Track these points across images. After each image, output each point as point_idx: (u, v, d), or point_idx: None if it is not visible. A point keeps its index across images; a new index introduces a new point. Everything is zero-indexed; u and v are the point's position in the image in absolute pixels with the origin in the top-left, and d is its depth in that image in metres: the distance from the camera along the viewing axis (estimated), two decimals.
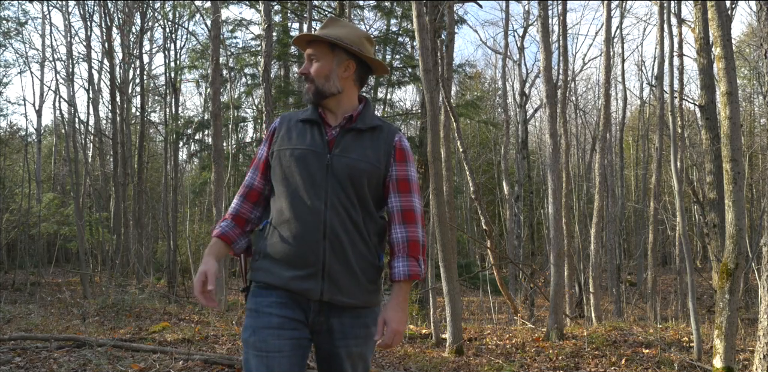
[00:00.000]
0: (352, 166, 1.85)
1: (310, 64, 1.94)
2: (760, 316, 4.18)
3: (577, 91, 23.13)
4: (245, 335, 1.81)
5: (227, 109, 13.11)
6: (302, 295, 1.82)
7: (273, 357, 1.76)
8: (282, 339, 1.78)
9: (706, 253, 18.25)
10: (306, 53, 1.96)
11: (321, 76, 1.92)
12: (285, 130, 1.93)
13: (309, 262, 1.80)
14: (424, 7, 6.41)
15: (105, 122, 22.25)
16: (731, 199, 4.35)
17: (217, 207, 10.36)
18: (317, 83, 1.92)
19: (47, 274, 18.94)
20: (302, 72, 1.96)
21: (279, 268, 1.82)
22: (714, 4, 4.57)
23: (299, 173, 1.84)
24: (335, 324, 1.85)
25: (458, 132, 8.58)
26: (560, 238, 7.27)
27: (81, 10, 18.66)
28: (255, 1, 13.79)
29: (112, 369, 4.56)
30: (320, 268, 1.80)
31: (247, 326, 1.83)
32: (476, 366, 5.25)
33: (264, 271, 1.84)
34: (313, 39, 1.95)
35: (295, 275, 1.80)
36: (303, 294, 1.81)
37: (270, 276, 1.82)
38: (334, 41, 1.90)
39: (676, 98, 11.39)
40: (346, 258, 1.82)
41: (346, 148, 1.88)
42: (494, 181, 25.40)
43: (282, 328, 1.79)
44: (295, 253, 1.80)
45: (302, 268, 1.80)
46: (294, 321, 1.80)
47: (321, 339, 1.87)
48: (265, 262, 1.85)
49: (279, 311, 1.80)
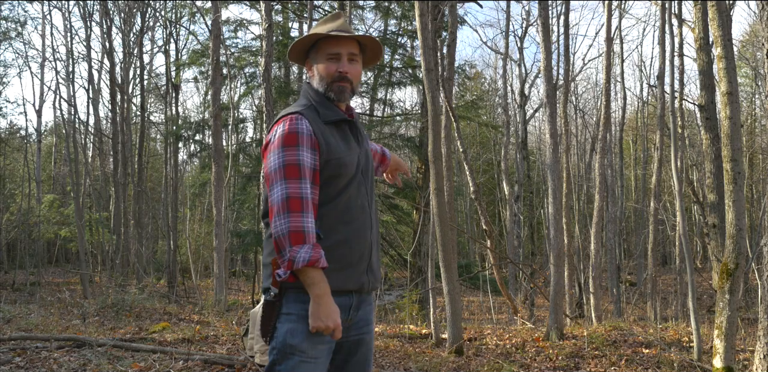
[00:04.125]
0: (370, 155, 2.02)
1: (350, 64, 1.92)
2: (760, 316, 4.18)
3: (577, 91, 23.15)
4: (293, 341, 1.78)
5: (227, 109, 13.11)
6: (356, 291, 1.88)
7: (319, 363, 1.82)
8: (325, 344, 1.83)
9: (706, 253, 18.26)
10: (347, 51, 1.92)
11: (357, 77, 1.96)
12: (325, 135, 1.85)
13: (363, 259, 1.88)
14: (426, 7, 6.41)
15: (105, 122, 22.27)
16: (731, 199, 4.35)
17: (217, 207, 10.35)
18: (354, 84, 1.94)
19: (47, 274, 18.94)
20: (345, 72, 1.90)
21: (335, 271, 1.80)
22: (714, 4, 4.57)
23: (353, 177, 1.88)
24: (361, 314, 1.94)
25: (458, 132, 8.58)
26: (560, 238, 7.27)
27: (81, 10, 18.68)
28: (255, 1, 13.79)
29: (112, 369, 4.56)
30: (368, 262, 1.90)
31: (296, 331, 1.78)
32: (476, 366, 5.25)
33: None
34: (360, 40, 1.96)
35: (351, 273, 1.85)
36: (359, 289, 1.88)
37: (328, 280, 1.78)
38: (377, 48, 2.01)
39: (677, 98, 11.39)
40: (377, 248, 1.96)
41: (364, 142, 2.01)
42: (494, 181, 25.40)
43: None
44: (354, 254, 1.86)
45: (357, 266, 1.87)
46: None
47: (347, 332, 1.91)
48: None
49: None
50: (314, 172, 1.78)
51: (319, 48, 1.94)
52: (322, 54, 1.93)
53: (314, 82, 1.95)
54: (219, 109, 10.86)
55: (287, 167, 1.75)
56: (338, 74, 1.90)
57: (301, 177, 1.75)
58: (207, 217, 21.30)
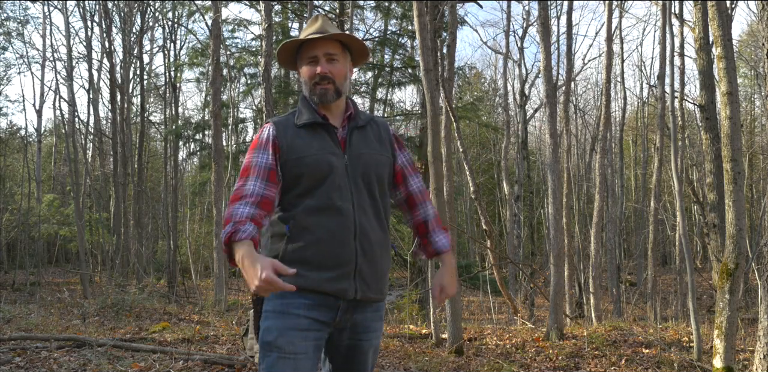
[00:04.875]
0: (372, 161, 1.92)
1: (329, 64, 1.90)
2: (760, 316, 4.18)
3: (576, 91, 23.14)
4: (269, 337, 1.78)
5: (227, 109, 13.11)
6: (336, 296, 1.83)
7: (300, 359, 1.77)
8: (308, 341, 1.80)
9: (706, 253, 18.25)
10: (323, 52, 1.90)
11: (341, 76, 1.93)
12: (290, 137, 1.87)
13: (342, 263, 1.82)
14: (425, 7, 6.41)
15: (105, 122, 22.26)
16: (731, 199, 4.35)
17: (217, 207, 10.36)
18: (337, 84, 1.91)
19: (47, 274, 18.94)
20: (322, 72, 1.89)
21: (309, 270, 1.79)
22: (714, 4, 4.57)
23: (323, 178, 1.84)
24: (359, 319, 1.90)
25: (458, 132, 8.57)
26: (560, 238, 7.27)
27: (81, 10, 18.68)
28: (255, 1, 13.79)
29: (112, 369, 4.56)
30: (353, 269, 1.83)
31: (270, 328, 1.79)
32: (476, 366, 5.25)
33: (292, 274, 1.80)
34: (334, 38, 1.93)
35: (328, 276, 1.81)
36: (338, 294, 1.82)
37: (300, 279, 1.76)
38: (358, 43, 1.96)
39: (677, 98, 11.39)
40: (374, 256, 1.88)
41: (359, 146, 1.93)
42: (494, 181, 25.39)
43: (309, 329, 1.80)
44: (328, 255, 1.81)
45: (335, 270, 1.81)
46: (319, 323, 1.82)
47: (343, 335, 1.90)
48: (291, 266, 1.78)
49: (307, 313, 1.80)
50: (269, 171, 1.84)
51: (301, 54, 1.95)
52: (303, 59, 1.94)
53: (303, 87, 1.97)
54: (219, 108, 10.86)
55: (243, 168, 1.87)
56: (317, 76, 1.89)
57: (249, 175, 1.83)
58: (207, 217, 21.30)
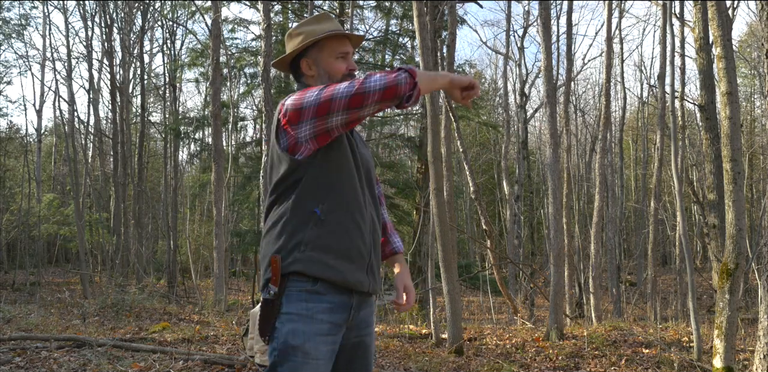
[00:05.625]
0: (370, 161, 1.98)
1: (351, 62, 1.97)
2: (760, 316, 4.17)
3: (576, 91, 23.15)
4: (296, 341, 1.75)
5: (227, 109, 13.11)
6: (352, 290, 1.83)
7: (320, 365, 1.77)
8: (329, 345, 1.79)
9: (706, 253, 18.25)
10: (347, 50, 1.95)
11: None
12: None
13: (362, 256, 1.85)
14: (425, 7, 6.41)
15: (105, 122, 22.26)
16: (731, 199, 4.35)
17: (217, 207, 10.36)
18: None
19: (47, 274, 18.95)
20: (354, 69, 1.96)
21: (334, 260, 1.78)
22: (714, 4, 4.57)
23: (354, 170, 1.87)
24: (362, 315, 1.92)
25: (458, 132, 8.57)
26: (560, 238, 7.27)
27: (81, 10, 18.69)
28: (255, 1, 13.79)
29: (112, 369, 4.56)
30: (367, 262, 1.86)
31: (297, 332, 1.75)
32: (476, 366, 5.25)
33: (318, 263, 1.77)
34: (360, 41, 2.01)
35: (350, 268, 1.82)
36: (355, 287, 1.82)
37: (328, 270, 1.76)
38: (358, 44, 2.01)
39: (677, 98, 11.38)
40: (377, 250, 1.93)
41: (360, 145, 1.97)
42: (494, 181, 25.40)
43: (330, 334, 1.80)
44: (353, 246, 1.82)
45: (355, 262, 1.83)
46: (337, 326, 1.82)
47: (351, 334, 1.90)
48: (315, 253, 1.77)
49: (329, 317, 1.79)
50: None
51: (323, 46, 1.92)
52: (329, 52, 1.92)
53: (316, 81, 1.93)
54: (219, 109, 10.86)
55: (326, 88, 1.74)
56: (348, 72, 1.93)
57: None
58: (207, 217, 21.31)
